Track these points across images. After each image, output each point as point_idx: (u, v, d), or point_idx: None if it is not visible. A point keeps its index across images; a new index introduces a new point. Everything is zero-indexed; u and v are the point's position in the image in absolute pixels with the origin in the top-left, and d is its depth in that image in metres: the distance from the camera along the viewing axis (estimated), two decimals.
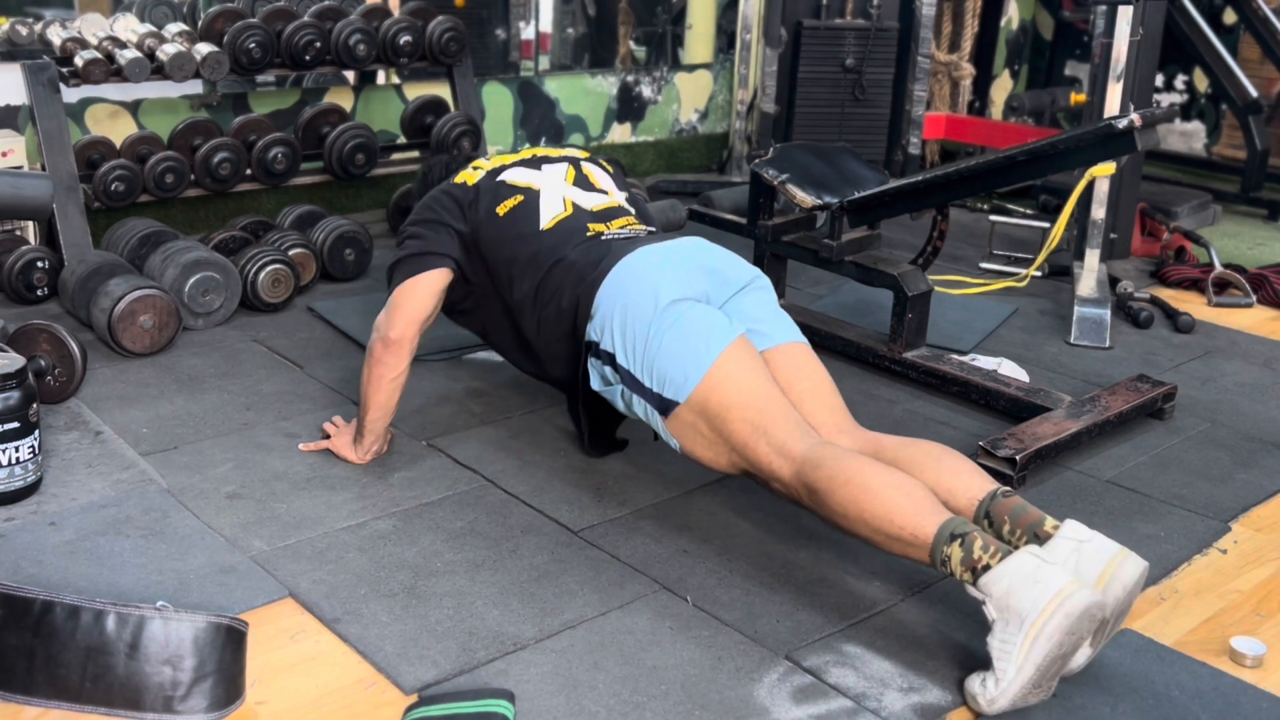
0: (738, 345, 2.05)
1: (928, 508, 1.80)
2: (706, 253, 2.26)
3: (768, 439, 1.97)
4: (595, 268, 2.21)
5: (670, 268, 2.17)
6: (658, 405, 2.09)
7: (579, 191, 2.46)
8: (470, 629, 1.89)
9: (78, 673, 1.62)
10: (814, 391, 2.14)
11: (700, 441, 2.07)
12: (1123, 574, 1.76)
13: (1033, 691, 1.68)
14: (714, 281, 2.19)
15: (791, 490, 1.95)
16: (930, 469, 1.95)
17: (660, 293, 2.10)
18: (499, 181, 2.45)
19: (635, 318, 2.10)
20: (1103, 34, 3.64)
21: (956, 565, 1.74)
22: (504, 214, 2.39)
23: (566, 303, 2.24)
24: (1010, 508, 1.89)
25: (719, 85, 5.41)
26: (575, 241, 2.30)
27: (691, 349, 2.04)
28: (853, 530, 1.86)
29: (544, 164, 2.51)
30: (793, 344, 2.20)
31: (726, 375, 2.01)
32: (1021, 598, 1.66)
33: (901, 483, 1.84)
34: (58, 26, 3.57)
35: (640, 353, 2.09)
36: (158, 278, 3.13)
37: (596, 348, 2.18)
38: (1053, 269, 3.90)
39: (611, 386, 2.19)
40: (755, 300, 2.23)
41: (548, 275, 2.29)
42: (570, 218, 2.37)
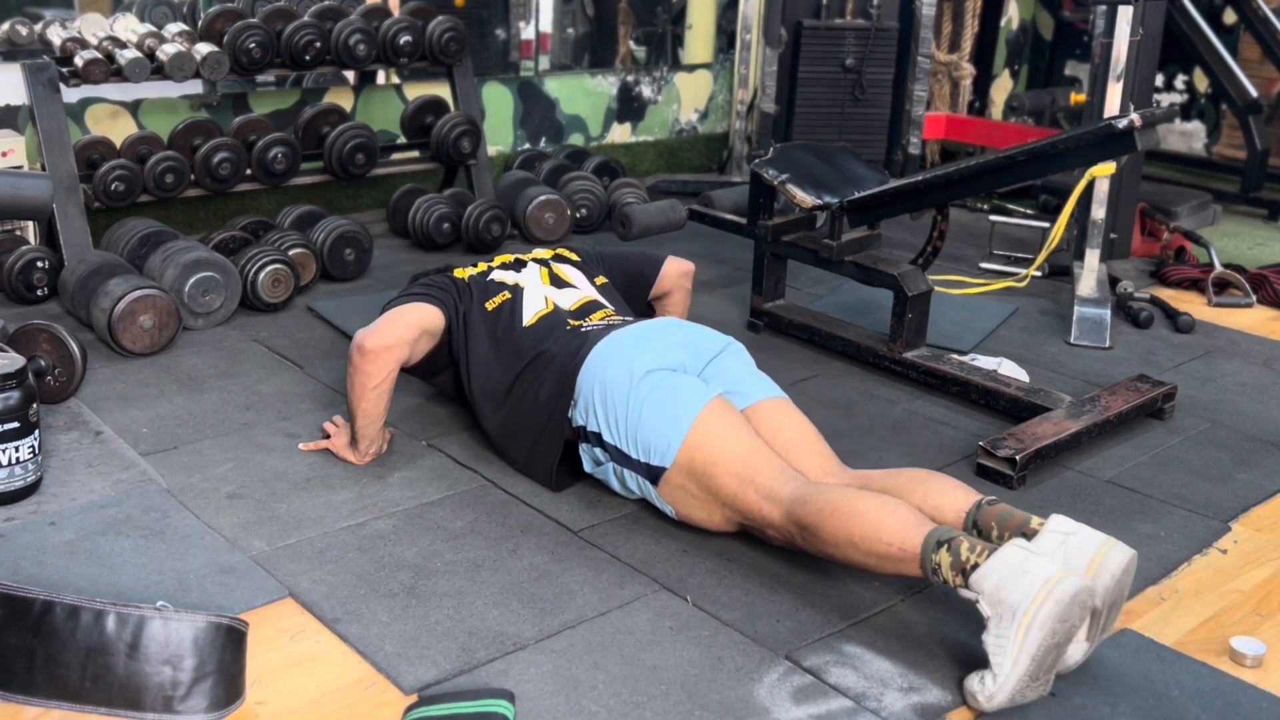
0: (715, 404, 2.13)
1: (912, 521, 1.84)
2: (679, 329, 2.36)
3: (755, 487, 2.03)
4: (574, 357, 2.29)
5: (644, 343, 2.26)
6: (647, 475, 2.16)
7: (555, 290, 2.55)
8: (470, 629, 1.89)
9: (78, 673, 1.62)
10: (798, 440, 2.20)
11: (693, 503, 2.13)
12: (1110, 562, 1.78)
13: (1030, 685, 1.69)
14: (689, 353, 2.28)
15: (785, 533, 2.01)
16: (917, 491, 2.01)
17: (635, 365, 2.19)
18: (489, 280, 2.56)
19: (613, 392, 2.18)
20: (1103, 34, 3.64)
21: (947, 571, 1.76)
22: (492, 309, 2.49)
23: (545, 393, 2.31)
24: (996, 514, 1.93)
25: (719, 85, 5.41)
26: (556, 335, 2.39)
27: (670, 414, 2.12)
28: (846, 558, 1.91)
29: (521, 266, 2.62)
30: (773, 399, 2.27)
31: (707, 433, 2.09)
32: (1012, 590, 1.68)
33: (885, 503, 1.89)
34: (58, 26, 3.57)
35: (623, 425, 2.17)
36: (158, 278, 3.13)
37: (584, 431, 2.26)
38: (1053, 269, 3.90)
39: (603, 465, 2.25)
40: (732, 364, 2.31)
41: (529, 366, 2.37)
42: (551, 314, 2.46)
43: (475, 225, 3.85)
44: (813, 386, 2.94)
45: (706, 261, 3.85)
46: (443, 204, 3.92)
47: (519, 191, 4.14)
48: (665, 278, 2.83)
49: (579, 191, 4.22)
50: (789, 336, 3.27)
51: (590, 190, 4.24)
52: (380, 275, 3.65)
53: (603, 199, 4.25)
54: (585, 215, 4.21)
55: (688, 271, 2.89)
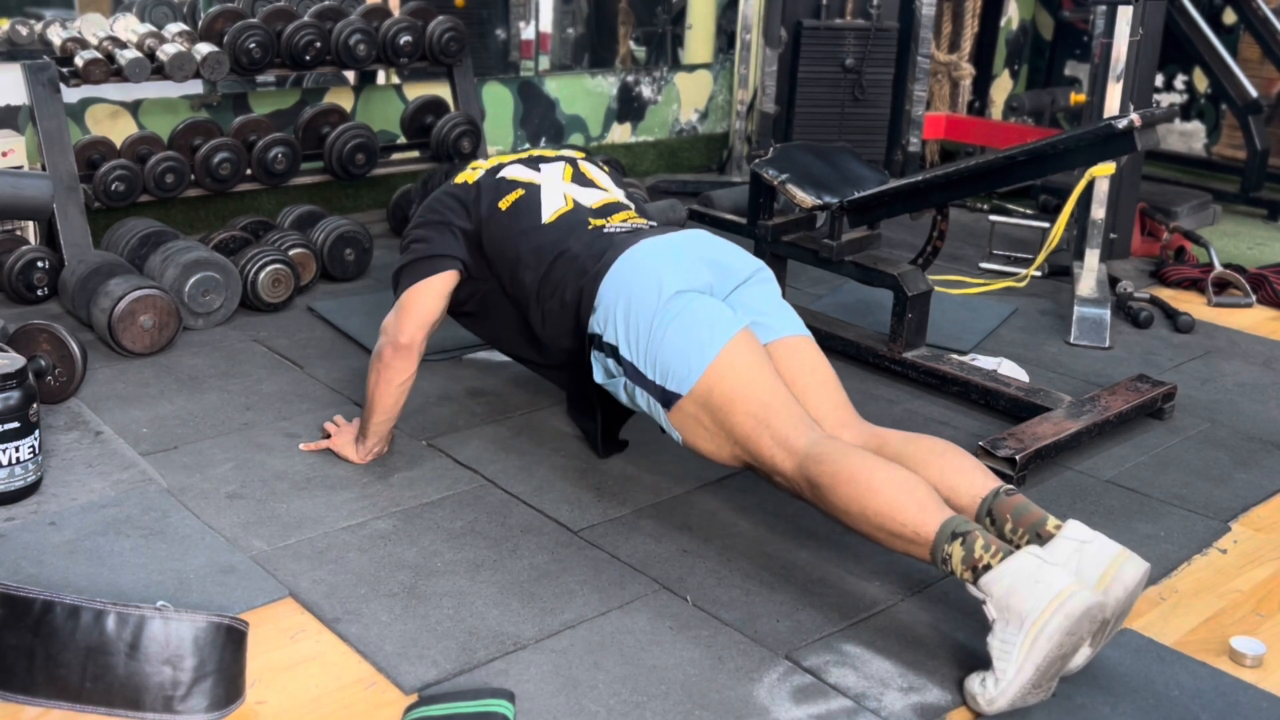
0: (741, 338, 2.05)
1: (930, 505, 1.79)
2: (709, 245, 2.25)
3: (771, 432, 1.96)
4: (598, 260, 2.21)
5: (673, 260, 2.16)
6: (660, 398, 2.08)
7: (578, 188, 2.45)
8: (470, 629, 1.89)
9: (78, 672, 1.62)
10: (818, 385, 2.13)
11: (703, 434, 2.06)
12: (1124, 575, 1.76)
13: (1032, 692, 1.68)
14: (717, 273, 2.18)
15: (794, 484, 1.95)
16: (933, 465, 1.94)
17: (664, 284, 2.09)
18: (499, 178, 2.45)
19: (638, 310, 2.10)
20: (1103, 34, 3.64)
21: (957, 564, 1.74)
22: (506, 208, 2.38)
23: (570, 296, 2.24)
24: (1013, 506, 1.89)
25: (719, 85, 5.41)
26: (577, 235, 2.30)
27: (695, 341, 2.04)
28: (854, 526, 1.86)
29: (541, 163, 2.51)
30: (797, 337, 2.19)
31: (730, 368, 2.01)
32: (1022, 598, 1.66)
33: (904, 480, 1.83)
34: (58, 26, 3.57)
35: (643, 345, 2.08)
36: (158, 278, 3.13)
37: (600, 340, 2.18)
38: (1053, 269, 3.90)
39: (614, 379, 2.18)
40: (759, 293, 2.23)
41: (551, 268, 2.28)
42: (571, 212, 2.36)
43: None
44: None
45: None
46: None
47: None
48: None
49: None
50: None
51: None
52: (380, 275, 3.65)
53: None
54: None
55: None
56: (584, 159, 2.59)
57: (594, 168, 2.57)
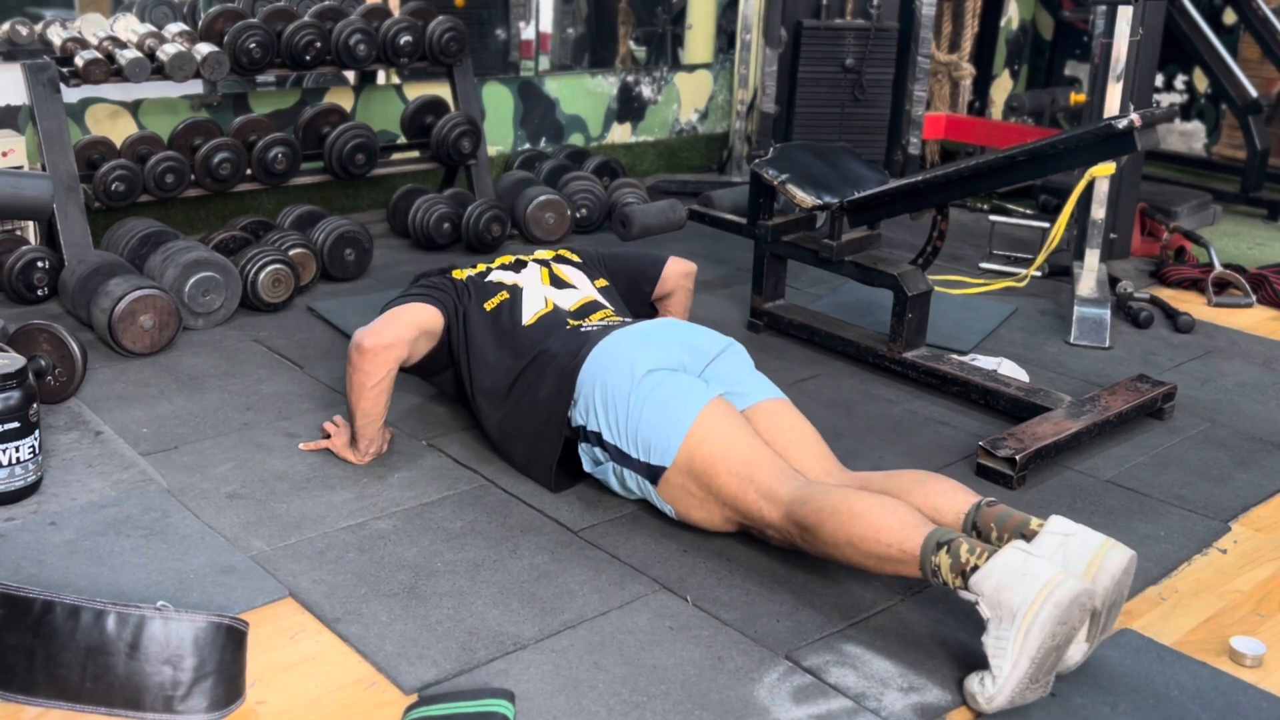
0: (715, 404, 2.14)
1: (912, 522, 1.84)
2: (680, 329, 2.37)
3: (755, 487, 2.03)
4: (575, 357, 2.29)
5: (644, 344, 2.26)
6: (647, 474, 2.16)
7: (554, 290, 2.56)
8: (470, 629, 1.89)
9: (78, 672, 1.62)
10: (798, 442, 2.20)
11: (693, 503, 2.13)
12: (1109, 563, 1.79)
13: (1030, 687, 1.69)
14: (689, 353, 2.28)
15: (785, 533, 2.01)
16: (915, 492, 2.00)
17: (635, 366, 2.19)
18: (486, 281, 2.57)
19: (614, 392, 2.19)
20: (1103, 34, 3.64)
21: (946, 573, 1.76)
22: (490, 309, 2.50)
23: (545, 393, 2.31)
24: (995, 515, 1.93)
25: (719, 85, 5.40)
26: (556, 335, 2.39)
27: (671, 413, 2.12)
28: (845, 558, 1.90)
29: (521, 267, 2.62)
30: (773, 400, 2.27)
31: (708, 433, 2.09)
32: (1012, 592, 1.68)
33: (884, 503, 1.89)
34: (58, 26, 3.57)
35: (623, 424, 2.17)
36: (158, 278, 3.13)
37: (584, 431, 2.26)
38: (1053, 269, 3.90)
39: (602, 465, 2.25)
40: (732, 364, 2.32)
41: (529, 366, 2.37)
42: (550, 314, 2.47)
43: (475, 225, 3.85)
44: (813, 386, 2.94)
45: (706, 261, 3.85)
46: (443, 204, 3.92)
47: (519, 191, 4.14)
48: (667, 278, 2.83)
49: (579, 191, 4.23)
50: (789, 336, 3.27)
51: (590, 190, 4.24)
52: (380, 275, 3.65)
53: (603, 199, 4.25)
54: (585, 215, 4.21)
55: (690, 272, 2.89)
56: (554, 259, 2.68)
57: (568, 268, 2.66)
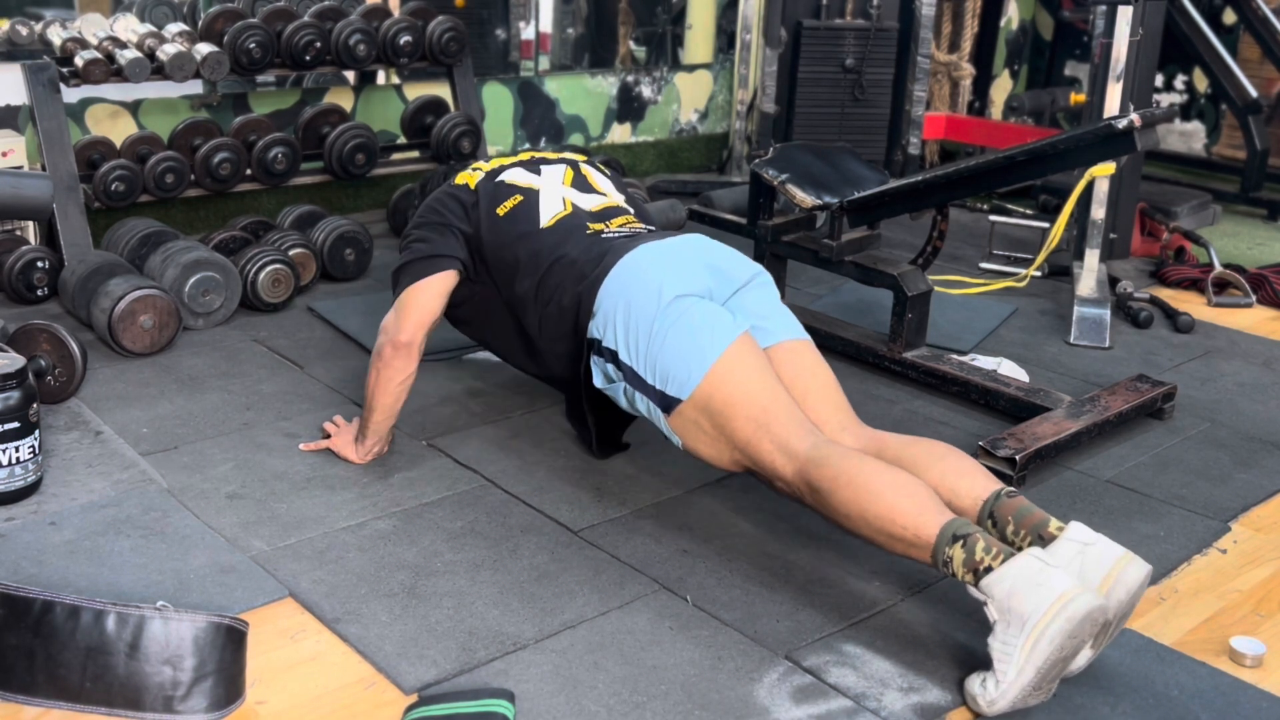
0: (741, 342, 2.05)
1: (930, 508, 1.79)
2: (709, 249, 2.25)
3: (771, 437, 1.96)
4: (597, 265, 2.21)
5: (673, 264, 2.16)
6: (660, 402, 2.09)
7: (577, 193, 2.46)
8: (470, 629, 1.89)
9: (78, 673, 1.62)
10: (818, 389, 2.13)
11: (703, 439, 2.06)
12: (1126, 578, 1.76)
13: (1032, 694, 1.68)
14: (717, 278, 2.19)
15: (794, 488, 1.95)
16: (934, 468, 1.94)
17: (664, 289, 2.10)
18: (498, 182, 2.45)
19: (638, 314, 2.10)
20: (1103, 34, 3.64)
21: (959, 567, 1.74)
22: (504, 214, 2.39)
23: (568, 300, 2.24)
24: (1015, 508, 1.88)
25: (719, 85, 5.40)
26: (576, 239, 2.30)
27: (695, 346, 2.04)
28: (855, 530, 1.86)
29: (542, 166, 2.51)
30: (797, 341, 2.20)
31: (730, 372, 2.01)
32: (1024, 600, 1.66)
33: (904, 483, 1.83)
34: (58, 26, 3.57)
35: (643, 350, 2.09)
36: (158, 278, 3.13)
37: (599, 345, 2.18)
38: (1053, 269, 3.90)
39: (614, 384, 2.18)
40: (758, 297, 2.23)
41: (548, 272, 2.28)
42: (570, 216, 2.37)
43: None
44: None
45: None
46: None
47: None
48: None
49: None
50: None
51: None
52: (380, 275, 3.65)
53: None
54: None
55: None
56: (585, 162, 2.59)
57: (595, 171, 2.57)
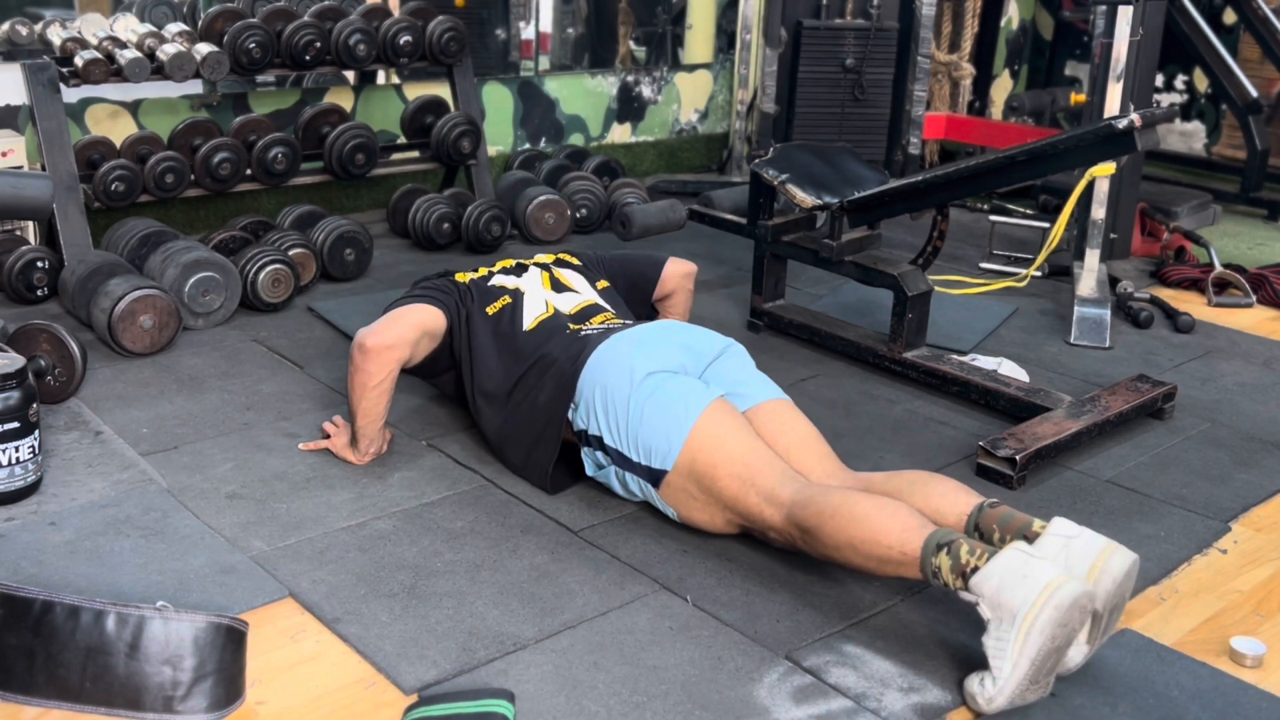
0: (716, 406, 2.13)
1: (912, 524, 1.84)
2: (679, 331, 2.36)
3: (756, 489, 2.03)
4: (575, 361, 2.29)
5: (644, 346, 2.25)
6: (648, 478, 2.16)
7: (555, 295, 2.56)
8: (470, 629, 1.89)
9: (78, 673, 1.62)
10: (799, 442, 2.20)
11: (694, 505, 2.13)
12: (1112, 566, 1.78)
13: (1030, 688, 1.69)
14: (689, 355, 2.28)
15: (786, 535, 2.01)
16: (917, 493, 2.00)
17: (635, 369, 2.19)
18: (489, 286, 2.57)
19: (614, 395, 2.18)
20: (1103, 34, 3.64)
21: (947, 573, 1.76)
22: (493, 314, 2.50)
23: (545, 397, 2.31)
24: (998, 516, 1.93)
25: (719, 85, 5.40)
26: (557, 339, 2.39)
27: (671, 416, 2.12)
28: (846, 561, 1.90)
29: (522, 271, 2.63)
30: (775, 401, 2.27)
31: (709, 435, 2.09)
32: (1012, 594, 1.68)
33: (884, 505, 1.88)
34: (58, 26, 3.57)
35: (623, 428, 2.17)
36: (158, 278, 3.13)
37: (585, 435, 2.26)
38: (1053, 269, 3.90)
39: (605, 469, 2.25)
40: (733, 365, 2.31)
41: (530, 370, 2.37)
42: (551, 319, 2.47)
43: (475, 225, 3.85)
44: (813, 386, 2.94)
45: (706, 261, 3.85)
46: (443, 204, 3.92)
47: (519, 191, 4.14)
48: (667, 279, 2.83)
49: (579, 191, 4.22)
50: (789, 336, 3.27)
51: (590, 190, 4.24)
52: (380, 275, 3.65)
53: (603, 199, 4.25)
54: (585, 215, 4.21)
55: (690, 272, 2.89)
56: (554, 263, 2.69)
57: (569, 272, 2.67)
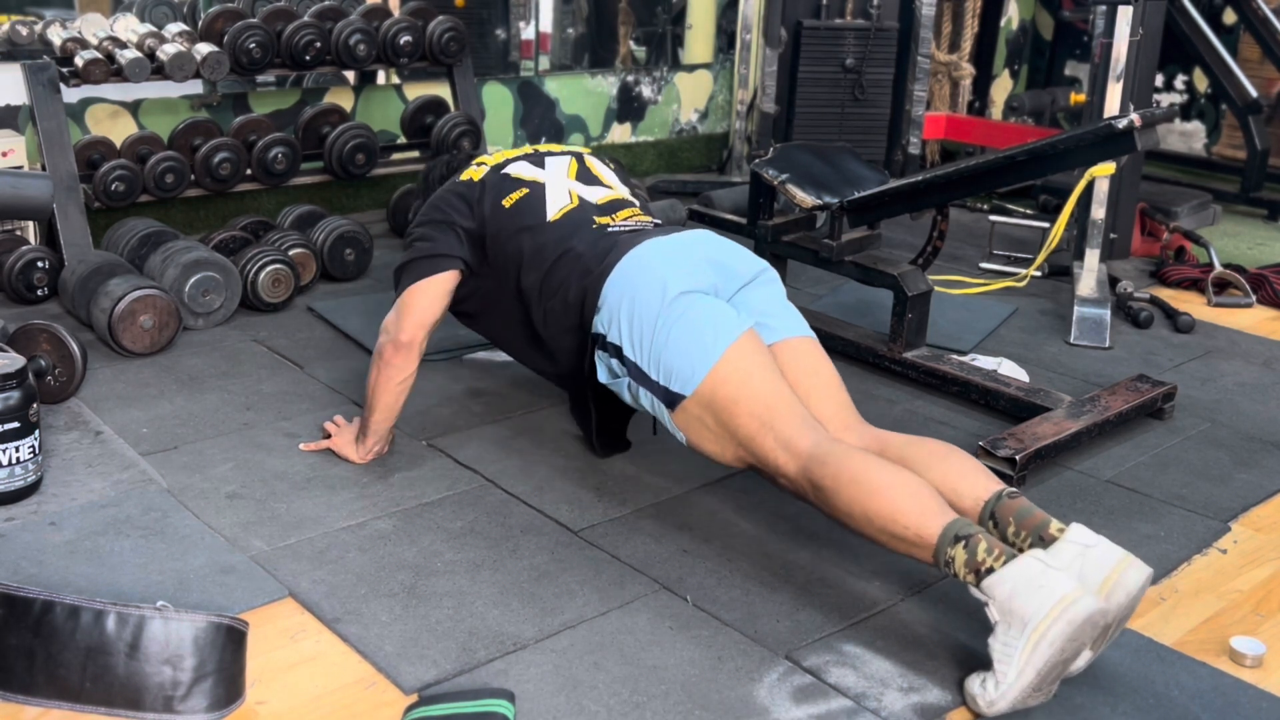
0: (745, 339, 2.05)
1: (933, 508, 1.80)
2: (714, 245, 2.25)
3: (774, 434, 1.96)
4: (602, 260, 2.20)
5: (677, 260, 2.16)
6: (664, 398, 2.08)
7: (582, 185, 2.45)
8: (470, 629, 1.89)
9: (78, 673, 1.62)
10: (821, 387, 2.13)
11: (706, 435, 2.06)
12: (1127, 581, 1.75)
13: (1032, 695, 1.68)
14: (721, 274, 2.19)
15: (797, 486, 1.95)
16: (936, 468, 1.94)
17: (668, 285, 2.09)
18: (503, 175, 2.44)
19: (642, 310, 2.10)
20: (1103, 34, 3.64)
21: (960, 567, 1.74)
22: (510, 206, 2.38)
23: (573, 295, 2.24)
24: (1016, 509, 1.88)
25: (719, 85, 5.40)
26: (581, 233, 2.29)
27: (699, 342, 2.04)
28: (857, 529, 1.86)
29: (547, 159, 2.51)
30: (801, 338, 2.19)
31: (734, 369, 2.01)
32: (1025, 602, 1.66)
33: (906, 482, 1.83)
34: (58, 26, 3.57)
35: (647, 345, 2.08)
36: (158, 278, 3.13)
37: (604, 340, 2.18)
38: (1053, 269, 3.90)
39: (618, 379, 2.18)
40: (763, 294, 2.23)
41: (554, 266, 2.28)
42: (576, 209, 2.36)
43: None
44: None
45: None
46: None
47: None
48: None
49: None
50: None
51: None
52: (380, 275, 3.65)
53: None
54: None
55: None
56: (589, 155, 2.59)
57: (599, 163, 2.57)
